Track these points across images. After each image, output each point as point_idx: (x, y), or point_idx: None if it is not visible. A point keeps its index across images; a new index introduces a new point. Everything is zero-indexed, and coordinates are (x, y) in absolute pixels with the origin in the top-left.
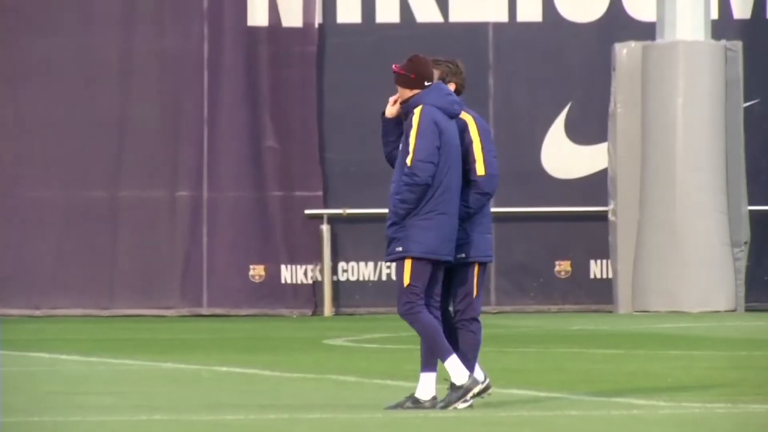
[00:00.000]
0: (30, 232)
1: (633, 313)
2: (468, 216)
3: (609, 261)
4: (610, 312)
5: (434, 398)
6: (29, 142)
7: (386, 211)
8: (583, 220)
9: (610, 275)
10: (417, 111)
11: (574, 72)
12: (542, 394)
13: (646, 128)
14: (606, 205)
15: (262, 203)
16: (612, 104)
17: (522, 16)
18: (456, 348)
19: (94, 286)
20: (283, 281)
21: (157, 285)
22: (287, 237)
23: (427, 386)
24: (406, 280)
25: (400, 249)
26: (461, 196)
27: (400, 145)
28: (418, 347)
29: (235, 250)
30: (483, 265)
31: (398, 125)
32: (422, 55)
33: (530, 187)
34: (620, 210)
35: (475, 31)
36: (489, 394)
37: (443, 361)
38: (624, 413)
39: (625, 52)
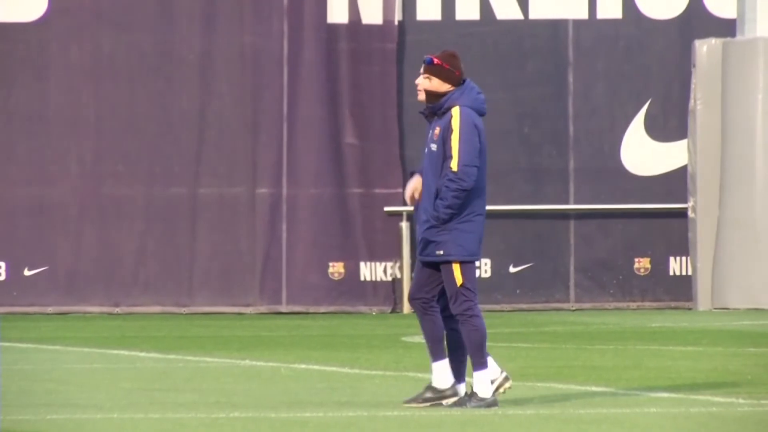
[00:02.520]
0: (110, 229)
1: (712, 310)
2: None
3: (688, 258)
4: (690, 309)
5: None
6: (109, 139)
7: None
8: (662, 217)
9: (690, 272)
10: (456, 113)
11: (654, 69)
12: (621, 391)
13: (725, 125)
14: (686, 201)
15: (341, 200)
16: (692, 101)
17: (602, 13)
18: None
19: (173, 283)
20: (362, 278)
21: (236, 282)
22: (367, 234)
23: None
24: (459, 280)
25: (441, 252)
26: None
27: (432, 146)
28: (496, 344)
29: (314, 247)
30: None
31: None
32: (454, 51)
33: (610, 184)
34: (700, 207)
35: (555, 27)
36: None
37: (483, 365)
38: (703, 410)
39: (705, 48)
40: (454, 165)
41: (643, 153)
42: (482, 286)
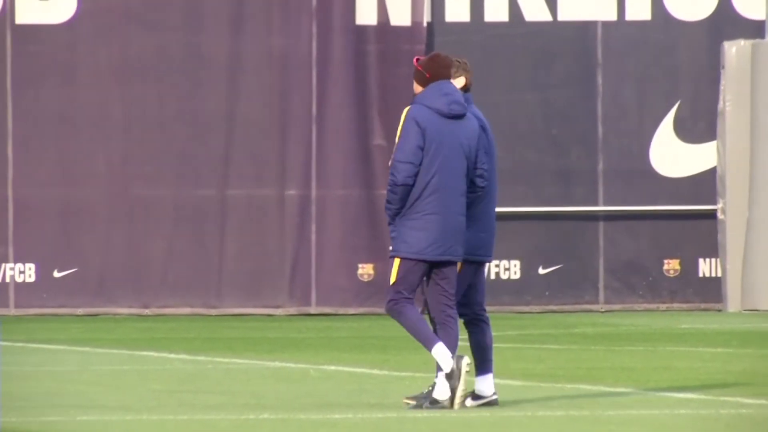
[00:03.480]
0: (139, 231)
1: (742, 312)
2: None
3: (718, 259)
4: (719, 311)
5: (452, 398)
6: (138, 141)
7: (496, 210)
8: (691, 219)
9: (719, 273)
10: (404, 111)
11: (683, 70)
12: (651, 392)
13: (755, 126)
14: (715, 203)
15: (370, 201)
16: (721, 102)
17: (631, 15)
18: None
19: (202, 285)
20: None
21: (265, 284)
22: None
23: (443, 385)
24: (392, 278)
25: (392, 248)
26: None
27: None
28: (525, 345)
29: (343, 248)
30: (470, 263)
31: None
32: (444, 55)
33: (639, 186)
34: (729, 208)
35: (583, 29)
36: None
37: (429, 349)
38: (732, 412)
39: (734, 50)
40: (390, 161)
41: (672, 154)
42: (512, 287)
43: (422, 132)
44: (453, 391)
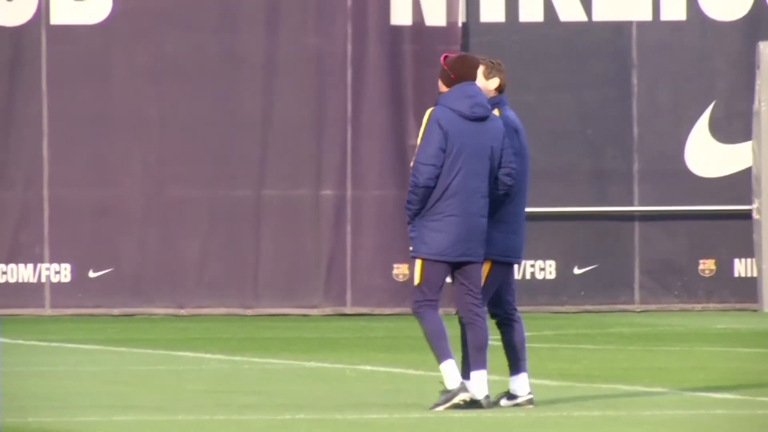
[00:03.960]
0: (175, 231)
1: None
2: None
3: (753, 259)
4: (755, 311)
5: (488, 396)
6: (173, 141)
7: (530, 210)
8: (727, 219)
9: (755, 273)
10: (427, 113)
11: (718, 70)
12: (687, 392)
13: None
14: (750, 203)
15: (405, 202)
16: (756, 102)
17: (666, 15)
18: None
19: (238, 285)
20: None
21: (301, 284)
22: None
23: (480, 385)
24: (417, 279)
25: (411, 249)
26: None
27: None
28: (561, 345)
29: (378, 248)
30: (500, 264)
31: None
32: (472, 55)
33: (674, 186)
34: (765, 208)
35: (618, 30)
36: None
37: (438, 363)
38: None
39: None
40: (412, 162)
41: (707, 154)
42: (547, 287)
43: (444, 134)
44: (436, 405)
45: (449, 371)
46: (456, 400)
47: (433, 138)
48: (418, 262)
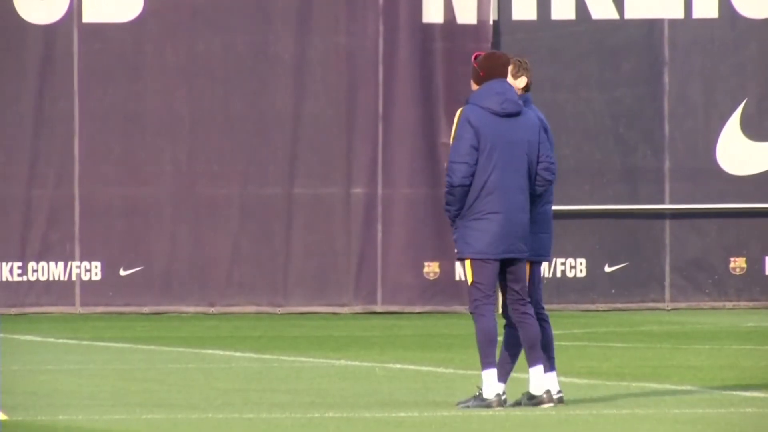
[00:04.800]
0: (205, 229)
1: None
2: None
3: None
4: None
5: (548, 391)
6: (204, 139)
7: (561, 208)
8: (758, 217)
9: None
10: (457, 112)
11: (750, 68)
12: (716, 391)
13: None
14: None
15: (436, 200)
16: None
17: (697, 13)
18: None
19: (268, 283)
20: (457, 278)
21: (331, 282)
22: None
23: (537, 381)
24: (470, 279)
25: (456, 250)
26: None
27: None
28: (590, 343)
29: (409, 247)
30: (531, 263)
31: None
32: (501, 53)
33: (705, 184)
34: None
35: (650, 27)
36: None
37: (482, 369)
38: None
39: None
40: (446, 163)
41: (738, 152)
42: (577, 285)
43: (475, 131)
44: (467, 405)
45: (490, 381)
46: (489, 411)
47: (465, 136)
48: (466, 263)
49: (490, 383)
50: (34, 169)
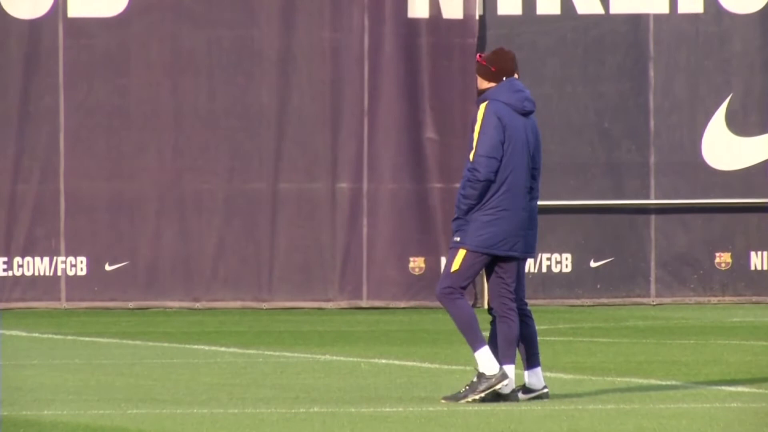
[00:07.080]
0: (190, 225)
1: None
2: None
3: None
4: None
5: (515, 390)
6: (189, 134)
7: (546, 203)
8: (743, 212)
9: None
10: (482, 106)
11: (735, 63)
12: (701, 386)
13: None
14: (766, 196)
15: (422, 195)
16: None
17: (683, 8)
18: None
19: (253, 278)
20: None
21: (316, 277)
22: (447, 229)
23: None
24: (455, 267)
25: (458, 239)
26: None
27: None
28: (576, 339)
29: (394, 242)
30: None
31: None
32: (507, 49)
33: (690, 179)
34: None
35: (635, 22)
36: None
37: (474, 350)
38: None
39: None
40: (471, 155)
41: (723, 148)
42: (563, 280)
43: (503, 128)
44: (469, 392)
45: (487, 357)
46: (499, 386)
47: (494, 131)
48: (461, 252)
49: (487, 360)
50: (19, 164)
